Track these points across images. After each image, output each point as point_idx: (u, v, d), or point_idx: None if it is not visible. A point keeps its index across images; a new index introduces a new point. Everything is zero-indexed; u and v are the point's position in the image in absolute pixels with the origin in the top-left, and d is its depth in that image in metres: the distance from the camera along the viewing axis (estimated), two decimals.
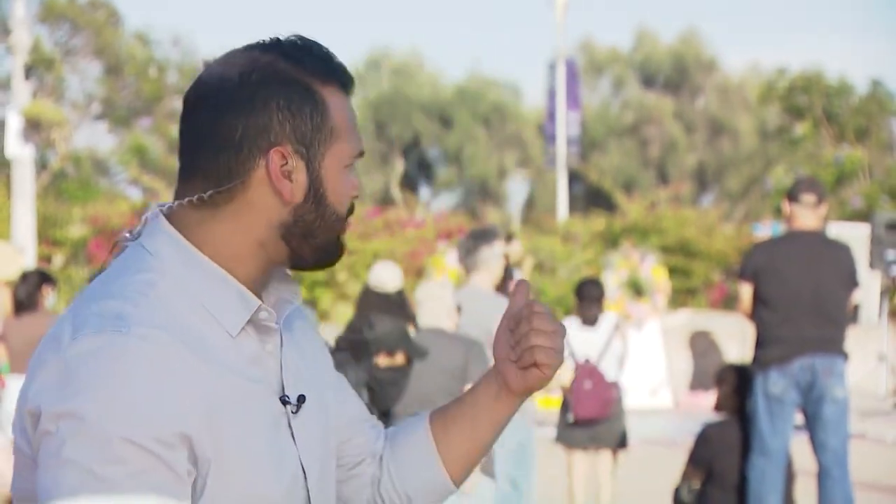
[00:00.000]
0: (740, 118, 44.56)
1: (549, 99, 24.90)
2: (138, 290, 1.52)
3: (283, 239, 1.60)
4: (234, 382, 1.54)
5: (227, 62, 1.61)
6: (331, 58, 1.64)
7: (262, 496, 1.55)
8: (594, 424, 7.72)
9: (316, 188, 1.61)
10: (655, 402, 15.00)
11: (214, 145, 1.57)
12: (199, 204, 1.58)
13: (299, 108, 1.58)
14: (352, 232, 17.69)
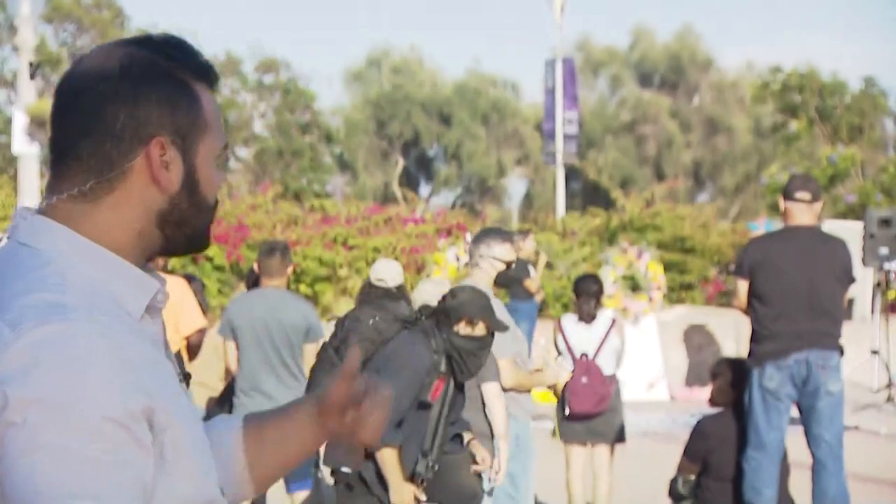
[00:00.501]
0: (735, 116, 44.57)
1: (548, 97, 24.89)
2: (56, 282, 1.54)
3: (159, 227, 1.64)
4: (158, 359, 1.60)
5: (104, 56, 1.64)
6: (201, 56, 1.69)
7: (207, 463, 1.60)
8: (591, 419, 7.73)
9: (191, 178, 1.64)
10: (652, 396, 15.00)
11: (96, 136, 1.59)
12: (79, 196, 1.60)
13: (177, 102, 1.63)
14: (353, 228, 17.75)
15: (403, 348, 5.05)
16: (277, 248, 7.04)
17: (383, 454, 4.97)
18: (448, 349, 5.11)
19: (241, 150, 35.88)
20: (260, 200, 18.64)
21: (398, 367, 4.98)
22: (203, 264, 16.40)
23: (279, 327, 6.85)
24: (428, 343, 5.07)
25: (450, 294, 5.22)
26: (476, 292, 5.23)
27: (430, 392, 5.02)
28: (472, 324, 5.14)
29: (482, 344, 5.16)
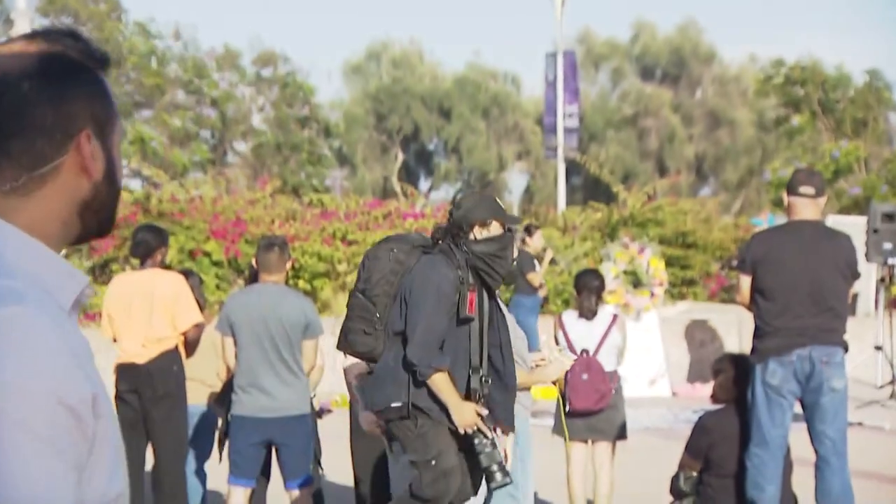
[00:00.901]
0: (738, 110, 44.54)
1: (548, 91, 24.88)
2: (5, 269, 1.58)
3: (80, 216, 1.70)
4: (90, 351, 1.65)
5: (17, 56, 1.68)
6: (97, 45, 1.75)
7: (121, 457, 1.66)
8: (592, 416, 7.72)
9: (110, 165, 1.72)
10: (653, 393, 15.01)
11: (26, 135, 1.64)
12: (10, 192, 1.64)
13: (95, 94, 1.70)
14: (352, 223, 17.75)
15: (425, 271, 5.07)
16: (276, 243, 7.04)
17: (435, 379, 4.99)
18: (470, 260, 5.12)
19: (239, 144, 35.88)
20: (258, 195, 18.63)
21: (424, 291, 5.01)
22: (201, 259, 16.39)
23: (277, 323, 6.85)
24: (449, 260, 5.09)
25: (454, 206, 5.24)
26: (479, 195, 5.29)
27: (466, 306, 5.05)
28: (485, 225, 5.16)
29: (502, 243, 5.17)
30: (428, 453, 5.07)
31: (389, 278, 5.14)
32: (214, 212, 17.21)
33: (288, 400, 6.88)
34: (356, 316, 5.20)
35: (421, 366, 5.01)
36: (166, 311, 7.37)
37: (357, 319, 5.20)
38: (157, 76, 32.21)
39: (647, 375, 15.12)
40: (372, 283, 5.17)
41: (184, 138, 33.01)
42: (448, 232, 5.17)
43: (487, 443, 5.07)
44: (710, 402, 6.82)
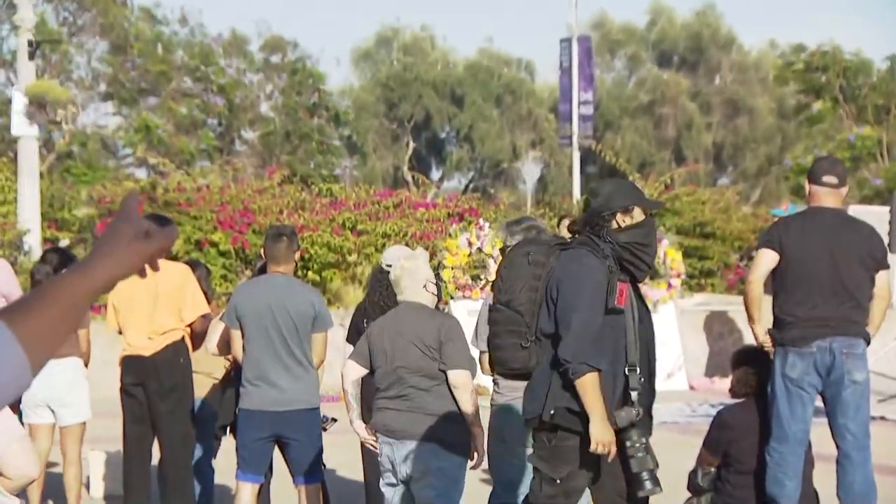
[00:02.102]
0: (757, 97, 44.40)
1: (563, 77, 24.83)
2: None
3: None
4: None
5: None
6: None
7: None
8: None
9: None
10: (670, 386, 15.00)
11: None
12: None
13: None
14: (362, 213, 17.74)
15: (570, 266, 4.85)
16: (284, 233, 7.03)
17: (585, 381, 4.72)
18: (615, 250, 4.90)
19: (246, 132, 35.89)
20: (266, 184, 18.64)
21: (574, 286, 4.78)
22: (207, 250, 16.41)
23: (285, 315, 6.84)
24: (594, 253, 4.87)
25: (591, 195, 5.02)
26: (616, 181, 5.11)
27: (615, 298, 4.82)
28: (628, 212, 4.96)
29: (646, 230, 4.96)
30: (556, 471, 4.86)
31: (532, 283, 4.90)
32: (222, 201, 17.23)
33: (296, 393, 6.88)
34: (504, 331, 4.94)
35: (574, 362, 4.73)
36: (172, 302, 7.38)
37: (506, 335, 4.95)
38: (163, 63, 32.23)
39: (664, 369, 15.11)
40: (515, 292, 4.92)
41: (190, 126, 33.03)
42: (587, 223, 4.93)
43: (640, 447, 4.87)
44: (729, 396, 6.80)
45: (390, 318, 5.97)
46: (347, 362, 6.00)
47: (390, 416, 5.82)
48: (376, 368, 5.92)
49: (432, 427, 5.77)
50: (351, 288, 17.03)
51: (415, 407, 5.79)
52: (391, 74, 43.53)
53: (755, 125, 44.27)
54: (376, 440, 5.93)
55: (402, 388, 5.80)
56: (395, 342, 5.83)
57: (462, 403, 5.77)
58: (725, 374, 14.39)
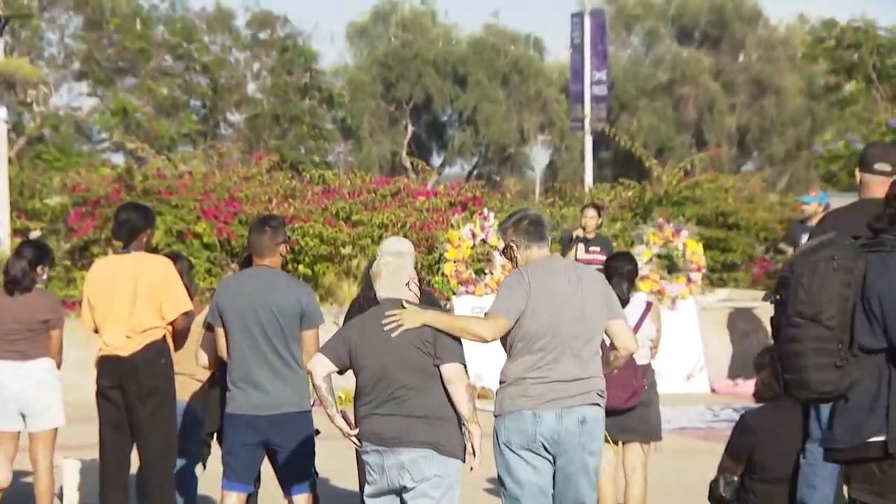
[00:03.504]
0: (785, 76, 44.37)
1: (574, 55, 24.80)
2: None
3: None
4: None
5: None
6: None
7: None
8: (623, 414, 7.71)
9: None
10: (691, 389, 15.00)
11: None
12: None
13: None
14: (357, 202, 17.74)
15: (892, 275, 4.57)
16: (270, 222, 7.03)
17: None
18: None
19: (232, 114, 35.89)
20: (253, 171, 18.65)
21: None
22: (190, 242, 16.42)
23: (268, 312, 6.84)
24: None
25: None
26: None
27: None
28: None
29: None
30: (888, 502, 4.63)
31: (842, 292, 4.59)
32: (205, 189, 17.23)
33: (284, 396, 6.88)
34: (810, 350, 4.60)
35: None
36: (152, 298, 7.38)
37: (813, 354, 4.60)
38: (142, 40, 32.23)
39: (684, 370, 15.11)
40: (822, 304, 4.59)
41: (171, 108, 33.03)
42: (894, 219, 4.70)
43: None
44: (753, 399, 6.81)
45: (372, 316, 5.98)
46: (316, 356, 6.01)
47: (379, 423, 5.83)
48: (359, 371, 5.92)
49: (426, 431, 5.78)
50: (345, 283, 17.03)
51: (406, 411, 5.79)
52: (389, 52, 43.52)
53: (782, 107, 44.26)
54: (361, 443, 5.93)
55: (392, 390, 5.81)
56: (383, 339, 5.84)
57: (457, 399, 5.79)
58: (750, 376, 14.39)
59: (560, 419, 6.03)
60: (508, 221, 6.32)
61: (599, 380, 6.18)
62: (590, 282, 6.21)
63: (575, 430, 6.05)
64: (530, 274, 6.09)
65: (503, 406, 6.10)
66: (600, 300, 6.18)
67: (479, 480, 9.08)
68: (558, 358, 6.05)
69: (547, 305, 6.01)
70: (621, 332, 6.28)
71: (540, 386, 6.02)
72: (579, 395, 6.07)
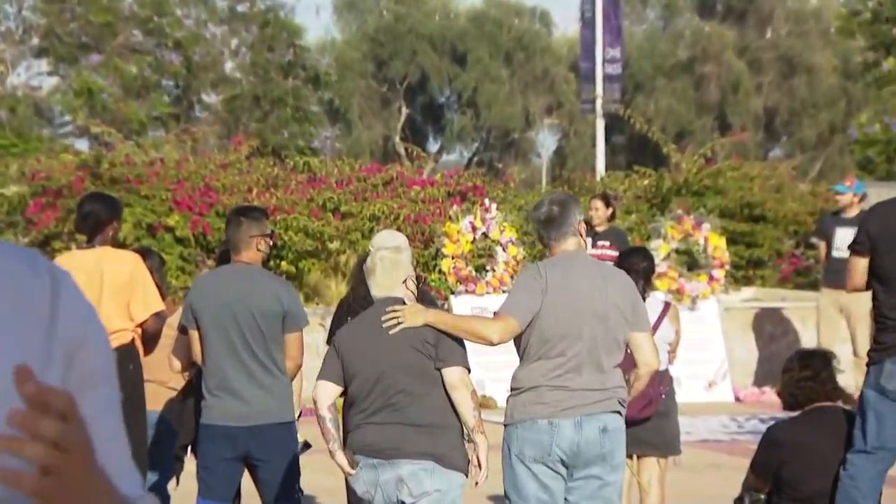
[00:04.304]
0: (817, 53, 44.40)
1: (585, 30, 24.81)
2: None
3: None
4: None
5: None
6: None
7: None
8: (637, 425, 7.73)
9: None
10: (713, 397, 15.01)
11: None
12: None
13: None
14: (346, 192, 17.74)
15: None
16: (249, 214, 7.04)
17: None
18: None
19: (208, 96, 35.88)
20: (231, 158, 18.65)
21: None
22: (161, 236, 16.42)
23: (246, 313, 6.84)
24: None
25: None
26: None
27: None
28: None
29: None
30: None
31: None
32: (178, 178, 17.23)
33: (265, 405, 6.89)
34: None
35: None
36: (119, 298, 7.39)
37: None
38: (108, 13, 32.22)
39: (706, 376, 15.13)
40: None
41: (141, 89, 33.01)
42: None
43: None
44: (782, 409, 6.82)
45: (364, 319, 5.99)
46: (318, 383, 6.02)
47: (374, 433, 5.84)
48: (352, 378, 5.93)
49: (426, 442, 5.79)
50: (333, 281, 17.03)
51: (404, 419, 5.80)
52: (381, 27, 43.53)
53: (814, 86, 44.29)
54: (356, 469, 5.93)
55: (389, 397, 5.82)
56: (378, 342, 5.85)
57: (462, 406, 5.79)
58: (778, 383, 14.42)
59: (579, 428, 6.01)
60: (534, 212, 6.37)
61: (622, 389, 6.17)
62: (616, 285, 6.19)
63: (596, 439, 6.04)
64: (547, 270, 6.07)
65: (515, 414, 6.08)
66: (626, 307, 6.15)
67: (482, 499, 9.09)
68: (579, 367, 6.02)
69: (565, 306, 5.99)
70: (644, 347, 6.24)
71: (558, 392, 6.00)
72: (599, 403, 6.06)
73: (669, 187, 19.07)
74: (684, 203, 17.87)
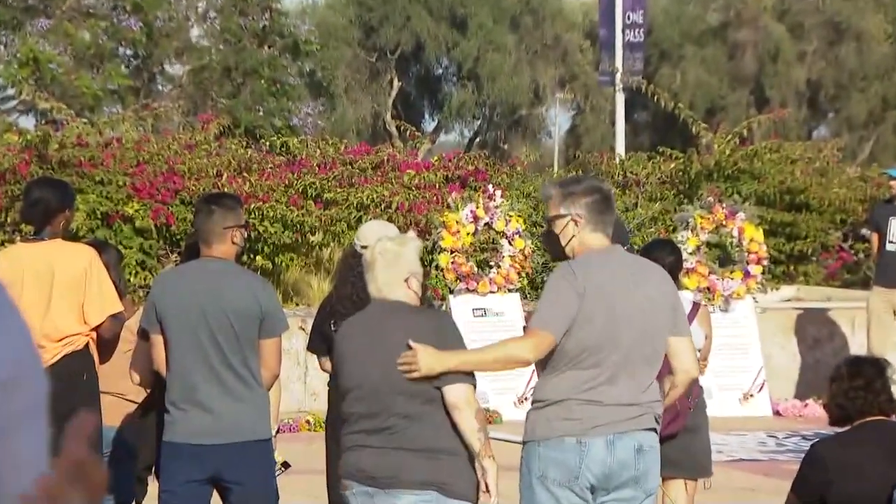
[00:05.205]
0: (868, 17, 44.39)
1: None
2: None
3: None
4: None
5: None
6: None
7: None
8: (662, 443, 7.73)
9: None
10: (749, 411, 15.03)
11: None
12: None
13: None
14: (329, 177, 17.73)
15: None
16: (222, 202, 7.04)
17: None
18: None
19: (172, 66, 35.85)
20: (199, 137, 18.64)
21: None
22: (119, 226, 16.42)
23: (220, 315, 6.84)
24: None
25: None
26: None
27: None
28: None
29: None
30: None
31: None
32: (138, 160, 17.23)
33: (238, 420, 6.89)
34: None
35: None
36: (72, 298, 7.39)
37: None
38: None
39: (740, 387, 15.14)
40: None
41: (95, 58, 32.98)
42: None
43: None
44: (828, 424, 6.83)
45: (361, 321, 5.98)
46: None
47: (369, 457, 5.84)
48: (344, 392, 5.94)
49: (429, 469, 5.78)
50: (314, 278, 17.03)
51: (403, 444, 5.80)
52: None
53: (864, 56, 44.28)
54: None
55: (385, 419, 5.82)
56: (370, 353, 5.85)
57: (465, 428, 5.79)
58: (822, 395, 14.43)
59: (611, 447, 5.96)
60: (577, 186, 6.18)
61: (658, 404, 6.14)
62: (654, 284, 6.16)
63: (630, 461, 6.01)
64: (584, 271, 5.98)
65: (538, 431, 6.03)
66: (666, 310, 6.13)
67: None
68: (614, 378, 5.96)
69: (602, 312, 5.90)
70: (684, 353, 6.21)
71: (589, 407, 5.96)
72: (634, 419, 6.02)
73: (699, 171, 19.07)
74: (716, 189, 17.88)
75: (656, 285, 6.14)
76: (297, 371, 14.21)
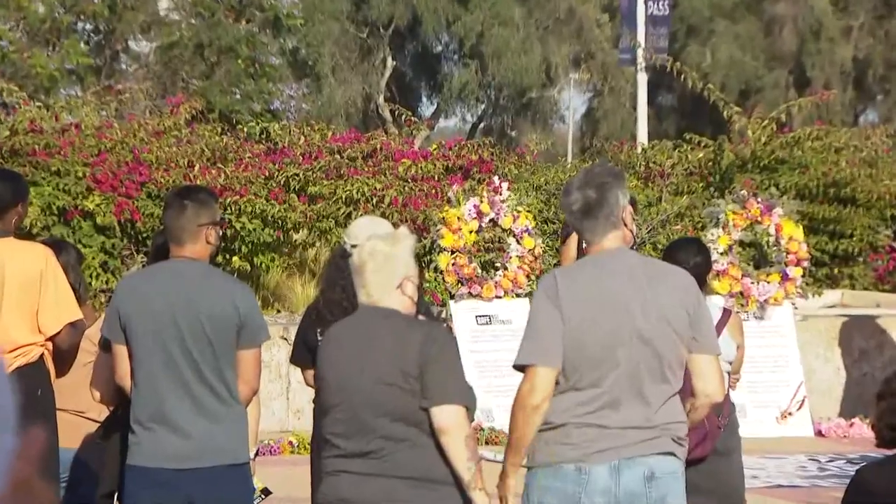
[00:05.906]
0: None
1: None
2: None
3: None
4: None
5: None
6: None
7: None
8: (688, 468, 7.74)
9: None
10: (788, 431, 15.04)
11: None
12: None
13: None
14: (315, 168, 17.73)
15: None
16: (195, 197, 7.04)
17: None
18: None
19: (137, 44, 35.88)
20: (168, 123, 18.66)
21: None
22: (78, 223, 16.43)
23: (194, 323, 6.84)
24: None
25: None
26: None
27: None
28: None
29: None
30: None
31: None
32: (99, 149, 17.25)
33: (214, 442, 6.89)
34: None
35: None
36: (24, 304, 7.39)
37: None
38: None
39: (778, 405, 15.15)
40: None
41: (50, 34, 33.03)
42: None
43: None
44: (875, 446, 6.84)
45: (347, 328, 5.99)
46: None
47: (350, 484, 5.85)
48: (326, 410, 5.94)
49: (417, 498, 5.79)
50: (298, 281, 17.05)
51: (388, 470, 5.81)
52: None
53: None
54: None
55: (369, 441, 5.82)
56: (354, 367, 5.86)
57: (453, 455, 5.78)
58: (870, 414, 14.44)
59: (616, 474, 5.93)
60: (563, 198, 6.16)
61: (677, 426, 6.05)
62: (669, 290, 6.03)
63: (639, 490, 5.96)
64: (566, 280, 5.96)
65: (537, 456, 6.01)
66: (682, 319, 6.00)
67: None
68: (618, 398, 5.90)
69: (595, 325, 5.86)
70: (708, 374, 6.06)
71: (589, 431, 5.93)
72: (644, 443, 5.97)
73: (731, 161, 19.09)
74: (750, 181, 17.90)
75: (669, 291, 6.01)
76: (279, 386, 14.19)
